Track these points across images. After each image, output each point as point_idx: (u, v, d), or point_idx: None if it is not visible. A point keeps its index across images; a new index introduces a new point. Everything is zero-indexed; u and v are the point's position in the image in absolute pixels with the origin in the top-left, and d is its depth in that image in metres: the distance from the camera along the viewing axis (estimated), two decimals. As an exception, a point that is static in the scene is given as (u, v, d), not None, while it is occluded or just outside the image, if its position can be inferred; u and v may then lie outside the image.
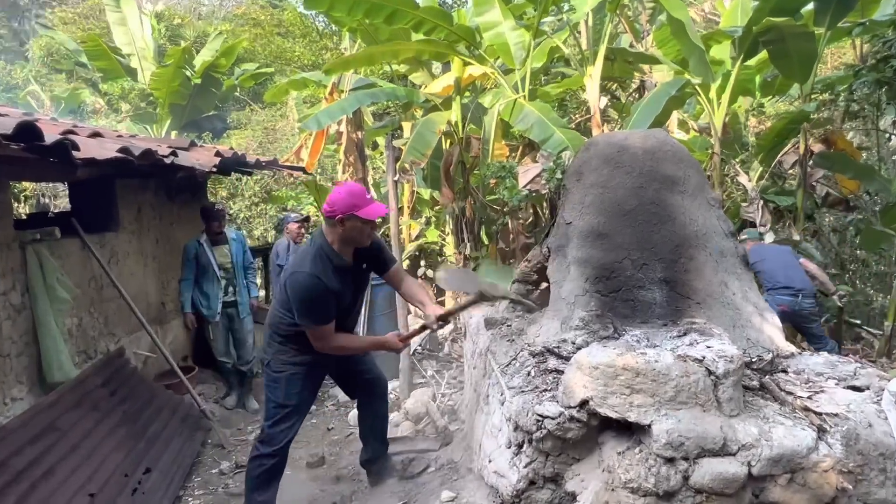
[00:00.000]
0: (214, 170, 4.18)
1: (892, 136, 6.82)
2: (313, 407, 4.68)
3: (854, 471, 1.88)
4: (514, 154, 5.91)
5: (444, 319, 2.66)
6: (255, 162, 5.00)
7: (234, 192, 8.97)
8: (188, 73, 9.95)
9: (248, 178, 8.63)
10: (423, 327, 2.73)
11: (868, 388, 2.17)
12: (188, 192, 5.28)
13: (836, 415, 1.99)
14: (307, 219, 4.94)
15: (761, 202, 5.20)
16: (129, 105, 10.45)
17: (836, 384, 2.23)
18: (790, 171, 5.66)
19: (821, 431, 1.93)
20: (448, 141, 6.08)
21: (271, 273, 5.58)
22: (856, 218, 5.91)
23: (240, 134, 10.94)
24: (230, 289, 4.57)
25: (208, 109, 11.09)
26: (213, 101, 11.05)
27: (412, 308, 6.24)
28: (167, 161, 3.55)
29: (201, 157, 4.14)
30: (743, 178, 5.48)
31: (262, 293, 6.33)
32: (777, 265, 4.34)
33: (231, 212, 8.43)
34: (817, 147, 5.23)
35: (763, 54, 5.00)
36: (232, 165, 5.10)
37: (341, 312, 2.62)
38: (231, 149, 5.04)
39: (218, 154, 4.36)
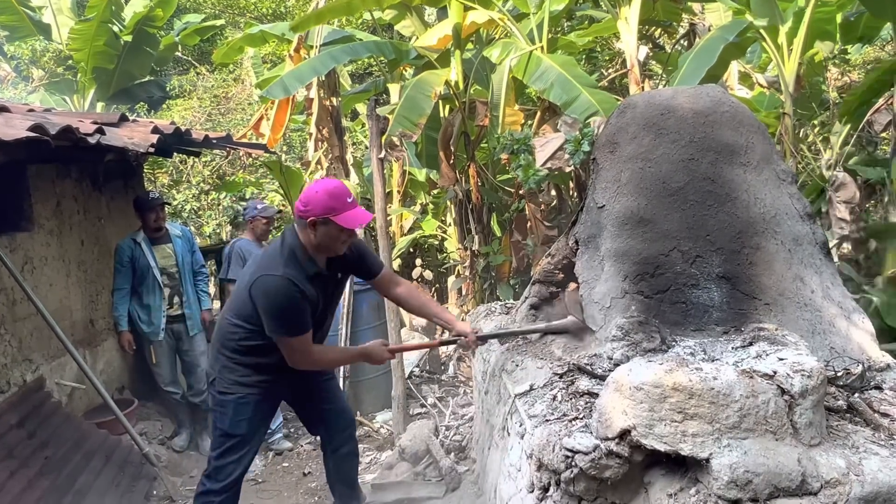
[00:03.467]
0: (152, 150, 4.21)
1: None
2: (287, 445, 4.74)
3: (968, 511, 1.89)
4: (530, 121, 5.92)
5: (485, 340, 2.84)
6: (203, 139, 5.03)
7: (179, 178, 9.00)
8: (116, 29, 9.95)
9: (196, 159, 8.65)
10: (447, 343, 2.90)
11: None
12: (120, 179, 5.31)
13: (944, 441, 2.00)
14: (279, 213, 4.98)
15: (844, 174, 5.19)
16: (43, 71, 10.47)
17: (945, 402, 2.24)
18: (882, 135, 5.65)
19: (925, 462, 1.94)
20: (447, 107, 6.09)
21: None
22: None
23: (183, 104, 10.96)
24: (176, 299, 4.60)
25: (143, 74, 11.09)
26: (149, 64, 11.04)
27: (406, 319, 6.28)
28: (92, 141, 3.57)
29: (135, 135, 4.17)
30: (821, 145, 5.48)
31: (216, 304, 6.35)
32: None
33: (175, 202, 8.46)
34: (916, 103, 5.21)
35: (845, -14, 4.99)
36: (174, 144, 5.12)
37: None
38: (172, 123, 5.07)
39: (156, 130, 4.38)
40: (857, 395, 2.27)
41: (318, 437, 3.27)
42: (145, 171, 6.97)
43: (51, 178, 4.43)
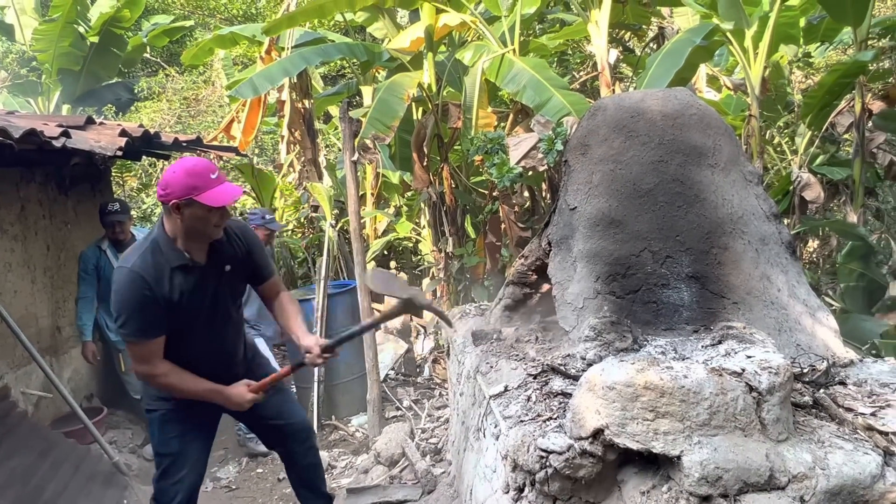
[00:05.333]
0: (120, 153, 4.13)
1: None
2: (262, 449, 4.67)
3: (929, 501, 1.94)
4: (503, 123, 5.94)
5: (331, 350, 2.57)
6: (172, 142, 4.95)
7: (148, 181, 8.85)
8: (82, 30, 9.76)
9: (165, 162, 8.52)
10: (299, 365, 2.64)
11: (943, 400, 2.24)
12: (87, 182, 5.20)
13: (905, 434, 2.05)
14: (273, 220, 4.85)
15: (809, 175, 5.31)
16: (6, 72, 10.23)
17: (906, 396, 2.30)
18: (845, 136, 5.79)
19: (888, 455, 1.99)
20: (420, 109, 6.09)
21: None
22: (926, 192, 6.07)
23: (152, 106, 10.78)
24: (145, 306, 4.52)
25: (110, 76, 10.90)
26: (116, 66, 10.86)
27: (384, 323, 6.24)
28: (57, 144, 3.50)
29: (102, 138, 4.09)
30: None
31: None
32: None
33: (143, 206, 8.32)
34: (877, 105, 5.35)
35: (808, -9, 5.11)
36: (143, 147, 5.04)
37: (185, 330, 2.51)
38: (141, 126, 4.98)
39: (124, 133, 4.30)
40: (822, 390, 2.32)
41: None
42: (113, 174, 6.84)
43: (14, 182, 4.33)
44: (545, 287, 3.15)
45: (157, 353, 2.47)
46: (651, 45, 6.98)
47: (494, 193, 5.37)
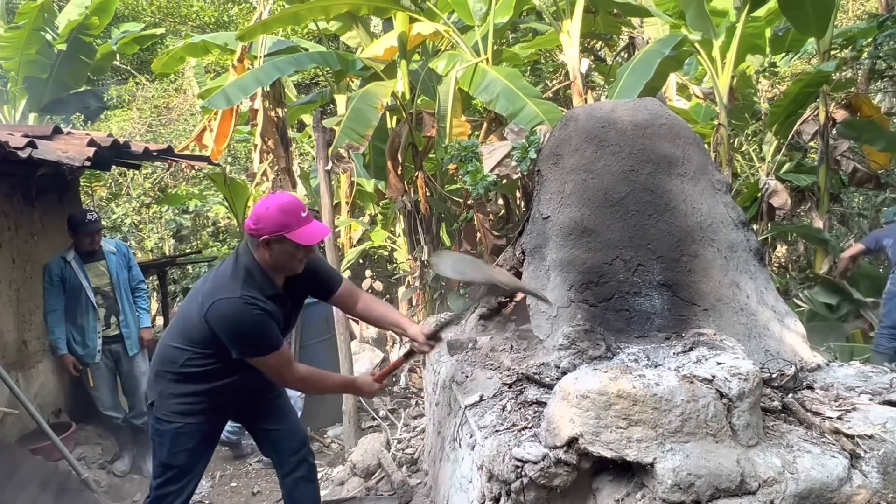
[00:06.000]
0: (88, 164, 4.06)
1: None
2: (229, 469, 4.61)
3: (894, 502, 1.98)
4: (476, 132, 5.98)
5: (435, 337, 2.66)
6: (143, 151, 4.88)
7: (118, 190, 8.71)
8: (49, 37, 9.60)
9: (136, 172, 8.40)
10: (409, 354, 2.77)
11: (907, 402, 2.29)
12: (54, 192, 5.10)
13: (870, 436, 2.09)
14: None
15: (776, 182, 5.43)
16: (-30, 81, 10.01)
17: (871, 399, 2.35)
18: (810, 144, 5.94)
19: (854, 458, 2.03)
20: (394, 118, 6.09)
21: None
22: (888, 197, 6.25)
23: (122, 115, 10.62)
24: (112, 319, 4.43)
25: (78, 84, 10.72)
26: (85, 74, 10.69)
27: (356, 331, 6.23)
28: (23, 155, 3.43)
29: (70, 148, 4.02)
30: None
31: (161, 321, 6.15)
32: None
33: (114, 216, 8.19)
34: (840, 114, 5.51)
35: (773, 3, 5.23)
36: (112, 157, 4.97)
37: None
38: (110, 135, 4.90)
39: (92, 143, 4.23)
40: (790, 395, 2.37)
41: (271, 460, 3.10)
42: (82, 183, 6.72)
43: (-22, 194, 4.23)
44: (520, 296, 3.17)
45: (289, 358, 2.60)
46: (622, 54, 7.08)
47: (469, 201, 5.39)
